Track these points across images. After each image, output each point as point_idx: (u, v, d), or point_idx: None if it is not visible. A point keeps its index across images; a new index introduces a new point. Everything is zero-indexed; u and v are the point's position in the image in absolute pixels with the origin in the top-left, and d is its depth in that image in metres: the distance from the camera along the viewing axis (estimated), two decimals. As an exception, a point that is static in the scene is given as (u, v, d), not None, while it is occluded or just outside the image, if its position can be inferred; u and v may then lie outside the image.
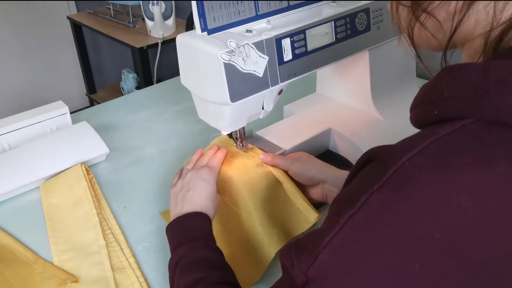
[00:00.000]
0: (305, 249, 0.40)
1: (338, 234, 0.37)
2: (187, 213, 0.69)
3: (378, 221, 0.35)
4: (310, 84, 1.08)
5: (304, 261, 0.39)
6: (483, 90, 0.36)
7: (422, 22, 0.44)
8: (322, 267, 0.38)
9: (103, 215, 0.85)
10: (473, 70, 0.37)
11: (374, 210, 0.36)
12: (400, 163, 0.36)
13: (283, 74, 0.73)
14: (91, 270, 0.73)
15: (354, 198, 0.37)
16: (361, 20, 0.82)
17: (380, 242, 0.35)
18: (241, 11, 0.71)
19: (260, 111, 0.77)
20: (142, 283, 0.71)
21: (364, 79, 0.93)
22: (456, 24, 0.41)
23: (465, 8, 0.40)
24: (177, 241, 0.66)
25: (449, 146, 0.35)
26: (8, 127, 0.98)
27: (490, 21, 0.40)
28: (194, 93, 0.76)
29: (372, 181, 0.36)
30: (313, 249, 0.39)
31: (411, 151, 0.36)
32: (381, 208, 0.35)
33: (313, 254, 0.39)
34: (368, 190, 0.36)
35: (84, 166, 0.93)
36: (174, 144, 1.07)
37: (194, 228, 0.67)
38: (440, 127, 0.37)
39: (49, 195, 0.89)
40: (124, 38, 2.19)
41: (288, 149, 0.86)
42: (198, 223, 0.67)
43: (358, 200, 0.36)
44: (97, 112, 1.23)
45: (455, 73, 0.38)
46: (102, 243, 0.78)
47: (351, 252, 0.36)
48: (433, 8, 0.42)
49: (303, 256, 0.40)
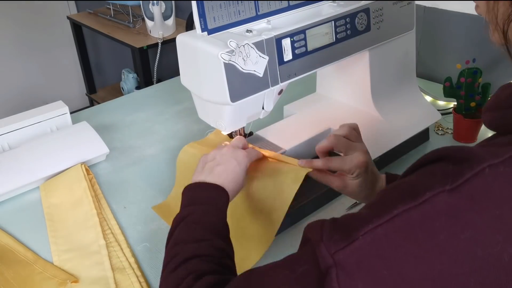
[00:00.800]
0: (341, 229, 0.36)
1: (386, 224, 0.34)
2: (209, 182, 0.65)
3: (440, 224, 0.32)
4: (310, 84, 1.08)
5: (335, 241, 0.36)
6: None
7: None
8: (357, 254, 0.34)
9: (103, 215, 0.85)
10: None
11: (438, 212, 0.32)
12: (480, 168, 0.32)
13: (283, 74, 0.73)
14: (91, 270, 0.73)
15: (416, 191, 0.34)
16: (361, 20, 0.82)
17: (436, 247, 0.32)
18: (241, 11, 0.71)
19: (260, 111, 0.77)
20: (142, 283, 0.71)
21: (364, 79, 0.93)
22: None
23: None
24: (191, 200, 0.63)
25: None
26: (8, 127, 0.98)
27: None
28: (194, 93, 0.76)
29: (444, 180, 0.33)
30: (351, 231, 0.35)
31: (494, 159, 0.33)
32: (448, 212, 0.32)
33: (350, 237, 0.35)
34: (436, 188, 0.33)
35: (84, 166, 0.93)
36: (174, 144, 1.07)
37: (211, 197, 0.64)
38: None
39: (49, 195, 0.89)
40: (124, 38, 2.19)
41: (288, 149, 0.86)
42: (217, 194, 0.64)
43: (421, 196, 0.33)
44: (97, 112, 1.23)
45: None
46: (102, 243, 0.78)
47: (397, 247, 0.33)
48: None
49: (336, 236, 0.36)
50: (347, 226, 0.36)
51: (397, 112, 0.96)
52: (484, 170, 0.32)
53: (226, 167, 0.67)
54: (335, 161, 0.68)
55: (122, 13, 2.45)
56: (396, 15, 0.87)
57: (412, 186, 0.35)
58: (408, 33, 0.93)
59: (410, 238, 0.33)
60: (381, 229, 0.34)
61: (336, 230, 0.36)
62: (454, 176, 0.33)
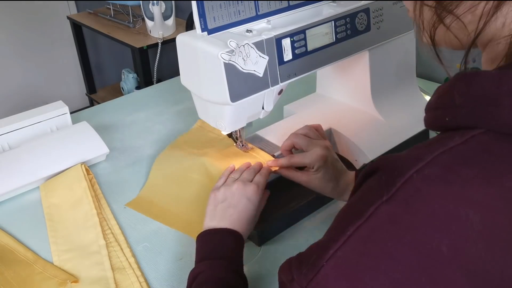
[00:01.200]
0: (307, 262, 0.39)
1: (343, 246, 0.36)
2: (220, 228, 0.68)
3: (385, 233, 0.35)
4: (310, 84, 1.08)
5: (305, 275, 0.38)
6: (495, 100, 0.35)
7: (446, 24, 0.42)
8: (325, 280, 0.37)
9: (103, 215, 0.85)
10: (487, 78, 0.36)
11: (382, 222, 0.35)
12: (408, 175, 0.35)
13: (283, 74, 0.73)
14: (91, 270, 0.73)
15: (361, 209, 0.36)
16: (361, 20, 0.82)
17: (387, 255, 0.34)
18: (241, 11, 0.71)
19: (260, 111, 0.77)
20: (142, 283, 0.71)
21: (364, 79, 0.93)
22: (481, 27, 0.40)
23: (493, 10, 0.39)
24: (202, 254, 0.66)
25: (457, 158, 0.35)
26: (8, 127, 0.98)
27: None
28: (194, 93, 0.76)
29: (380, 192, 0.36)
30: (315, 262, 0.38)
31: (419, 163, 0.35)
32: (389, 220, 0.35)
33: (316, 267, 0.37)
34: (376, 201, 0.36)
35: (84, 166, 0.93)
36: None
37: (222, 247, 0.65)
38: (449, 138, 0.36)
39: (49, 195, 0.89)
40: (124, 38, 2.19)
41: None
42: (228, 243, 0.66)
43: (366, 211, 0.36)
44: (97, 112, 1.23)
45: (469, 81, 0.37)
46: (102, 243, 0.78)
47: (356, 265, 0.35)
48: (459, 11, 0.41)
49: (304, 269, 0.39)
50: (311, 257, 0.39)
51: (397, 112, 0.96)
52: (412, 176, 0.35)
53: (238, 209, 0.69)
54: (296, 156, 0.76)
55: (122, 13, 2.45)
56: (396, 15, 0.87)
57: (357, 204, 0.38)
58: (408, 33, 0.93)
59: (365, 253, 0.35)
60: (340, 252, 0.36)
61: (303, 264, 0.39)
62: (388, 187, 0.35)
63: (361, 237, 0.36)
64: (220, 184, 0.74)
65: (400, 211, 0.34)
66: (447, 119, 0.38)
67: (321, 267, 0.37)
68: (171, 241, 0.80)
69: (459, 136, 0.36)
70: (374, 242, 0.35)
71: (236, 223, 0.68)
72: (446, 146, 0.36)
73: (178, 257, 0.77)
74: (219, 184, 0.75)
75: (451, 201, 0.33)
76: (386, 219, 0.35)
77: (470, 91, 0.37)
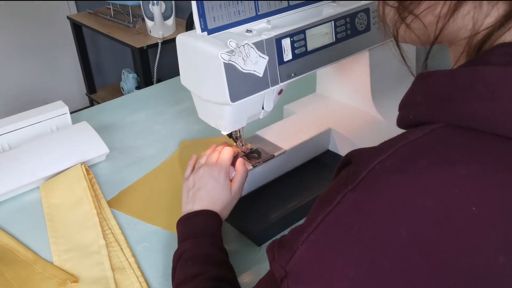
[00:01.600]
0: (286, 245, 0.42)
1: (315, 230, 0.40)
2: (196, 210, 0.71)
3: (350, 218, 0.37)
4: (310, 84, 1.08)
5: (284, 256, 0.42)
6: (449, 96, 0.38)
7: (408, 24, 0.45)
8: (300, 261, 0.40)
9: (103, 215, 0.85)
10: (441, 77, 0.39)
11: (347, 208, 0.38)
12: (372, 166, 0.38)
13: (283, 74, 0.73)
14: (91, 270, 0.73)
15: (331, 197, 0.40)
16: (361, 20, 0.82)
17: (351, 238, 0.37)
18: (241, 11, 0.71)
19: (260, 111, 0.77)
20: (142, 283, 0.71)
21: (364, 79, 0.93)
22: (440, 28, 0.42)
23: (450, 12, 0.41)
24: (184, 235, 0.69)
25: (416, 150, 0.37)
26: (8, 127, 0.98)
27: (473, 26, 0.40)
28: (194, 93, 0.76)
29: (347, 182, 0.39)
30: (292, 244, 0.41)
31: (382, 155, 0.38)
32: (353, 206, 0.38)
33: (292, 249, 0.41)
34: (343, 190, 0.39)
35: (84, 166, 0.93)
36: (174, 144, 1.07)
37: (201, 226, 0.69)
38: (411, 132, 0.39)
39: (49, 195, 0.89)
40: (124, 38, 2.19)
41: (288, 149, 0.86)
42: (206, 222, 0.70)
43: (334, 199, 0.39)
44: (97, 112, 1.23)
45: (426, 80, 0.41)
46: (102, 243, 0.78)
47: (325, 248, 0.38)
48: (419, 11, 0.43)
49: (283, 251, 0.42)
50: (289, 240, 0.42)
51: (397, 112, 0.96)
52: (375, 166, 0.38)
53: (207, 189, 0.73)
54: None
55: (122, 13, 2.45)
56: (396, 15, 0.87)
57: (329, 192, 0.41)
58: (408, 33, 0.93)
59: (334, 237, 0.38)
60: (312, 235, 0.40)
61: (283, 246, 0.43)
62: (354, 176, 0.38)
63: (330, 222, 0.39)
64: (188, 173, 0.78)
65: (363, 198, 0.37)
66: (411, 116, 0.42)
67: (296, 249, 0.40)
68: (171, 241, 0.80)
69: (420, 131, 0.39)
70: (340, 226, 0.38)
71: (210, 204, 0.72)
72: (407, 140, 0.39)
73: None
74: (187, 173, 0.79)
75: (408, 189, 0.35)
76: (350, 206, 0.38)
77: (427, 89, 0.40)
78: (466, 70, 0.38)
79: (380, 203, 0.36)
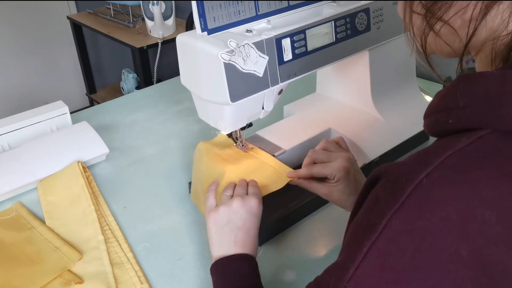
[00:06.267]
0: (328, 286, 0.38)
1: (362, 263, 0.35)
2: (232, 255, 0.63)
3: (401, 243, 0.34)
4: (310, 84, 1.08)
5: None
6: (500, 99, 0.35)
7: (436, 31, 0.42)
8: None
9: (100, 211, 0.85)
10: (490, 78, 0.36)
11: (397, 232, 0.34)
12: (418, 180, 0.34)
13: (283, 74, 0.73)
14: (90, 266, 0.74)
15: (373, 222, 0.35)
16: (361, 20, 0.82)
17: (406, 266, 0.33)
18: (241, 11, 0.71)
19: (260, 111, 0.77)
20: (140, 277, 0.72)
21: (364, 79, 0.93)
22: (472, 31, 0.40)
23: (482, 15, 0.38)
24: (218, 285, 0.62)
25: (466, 160, 0.34)
26: (8, 127, 0.98)
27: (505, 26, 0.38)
28: (194, 93, 0.76)
29: (389, 201, 0.35)
30: (337, 284, 0.37)
31: (428, 167, 0.34)
32: (403, 230, 0.34)
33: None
34: (388, 212, 0.35)
35: (81, 163, 0.93)
36: (174, 144, 1.07)
37: (240, 276, 0.61)
38: (456, 140, 0.36)
39: (47, 193, 0.89)
40: (124, 38, 2.19)
41: (288, 149, 0.86)
42: (245, 270, 0.62)
43: (379, 224, 0.35)
44: (97, 112, 1.23)
45: (472, 82, 0.37)
46: (100, 239, 0.78)
47: (378, 281, 0.35)
48: (448, 16, 0.40)
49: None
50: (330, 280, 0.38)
51: (397, 112, 0.96)
52: (422, 180, 0.34)
53: (246, 227, 0.64)
54: (317, 167, 0.71)
55: (122, 13, 2.45)
56: (396, 15, 0.87)
57: (368, 219, 0.36)
58: (408, 33, 0.93)
59: (385, 267, 0.34)
60: (359, 270, 0.35)
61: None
62: (397, 194, 0.34)
63: (379, 251, 0.35)
64: (213, 204, 0.69)
65: (413, 218, 0.33)
66: (450, 121, 0.37)
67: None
68: (171, 241, 0.80)
69: (466, 138, 0.35)
70: (392, 254, 0.34)
71: (247, 244, 0.64)
72: (454, 149, 0.35)
73: (178, 257, 0.77)
74: (213, 204, 0.69)
75: (464, 203, 0.32)
76: (400, 229, 0.34)
77: (473, 91, 0.36)
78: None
79: (434, 221, 0.33)
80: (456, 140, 0.36)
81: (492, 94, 0.35)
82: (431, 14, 0.41)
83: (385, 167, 0.38)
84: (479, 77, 0.37)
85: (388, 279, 0.34)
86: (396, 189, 0.35)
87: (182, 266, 0.75)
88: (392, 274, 0.34)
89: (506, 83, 0.35)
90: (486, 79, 0.36)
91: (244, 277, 0.61)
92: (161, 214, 0.86)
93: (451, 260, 0.32)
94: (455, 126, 0.37)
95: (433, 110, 0.41)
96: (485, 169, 0.33)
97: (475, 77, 0.37)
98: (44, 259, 0.75)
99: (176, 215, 0.85)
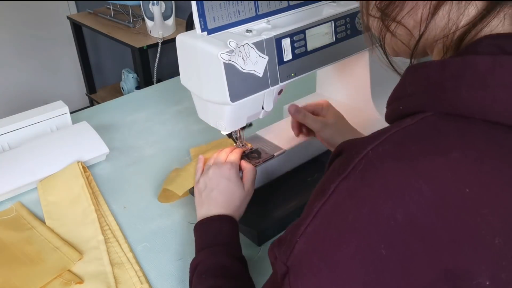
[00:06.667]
0: (285, 241, 0.42)
1: (311, 222, 0.40)
2: (212, 215, 0.70)
3: (345, 207, 0.37)
4: (310, 84, 1.08)
5: (284, 252, 0.41)
6: (440, 85, 0.39)
7: (392, 31, 0.47)
8: (299, 255, 0.40)
9: (100, 212, 0.85)
10: (431, 67, 0.40)
11: (342, 197, 0.38)
12: (364, 153, 0.38)
13: (283, 74, 0.73)
14: (90, 265, 0.74)
15: (324, 187, 0.40)
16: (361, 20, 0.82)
17: (348, 227, 0.37)
18: (241, 11, 0.71)
19: (260, 111, 0.77)
20: (140, 277, 0.72)
21: (364, 79, 0.93)
22: (423, 30, 0.44)
23: (431, 15, 0.43)
24: (200, 244, 0.68)
25: (408, 136, 0.38)
26: (8, 127, 0.98)
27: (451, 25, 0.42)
28: (194, 93, 0.76)
29: (339, 170, 0.39)
30: (291, 239, 0.41)
31: (374, 142, 0.38)
32: (348, 195, 0.38)
33: (291, 244, 0.41)
34: (336, 179, 0.39)
35: (81, 163, 0.93)
36: (174, 144, 1.07)
37: (217, 233, 0.68)
38: (402, 121, 0.40)
39: (47, 193, 0.89)
40: (124, 38, 2.19)
41: (288, 149, 0.86)
42: (222, 228, 0.69)
43: (328, 189, 0.39)
44: (97, 112, 1.23)
45: (417, 70, 0.42)
46: (100, 239, 0.78)
47: (323, 239, 0.38)
48: (401, 17, 0.44)
49: (283, 247, 0.42)
50: (288, 236, 0.42)
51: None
52: (368, 153, 0.38)
53: (219, 189, 0.72)
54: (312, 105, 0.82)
55: (122, 13, 2.45)
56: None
57: (322, 183, 0.41)
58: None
59: (330, 227, 0.38)
60: (309, 228, 0.40)
61: (282, 243, 0.42)
62: (346, 165, 0.39)
63: (325, 213, 0.39)
64: (199, 176, 0.77)
65: (357, 186, 0.37)
66: (401, 107, 0.42)
67: (295, 243, 0.40)
68: (171, 241, 0.80)
69: (411, 119, 0.39)
70: (336, 216, 0.38)
71: (224, 205, 0.71)
72: (399, 127, 0.39)
73: (178, 257, 0.77)
74: (197, 177, 0.78)
75: (403, 174, 0.36)
76: (345, 194, 0.38)
77: (417, 80, 0.41)
78: (456, 59, 0.39)
79: (375, 189, 0.36)
80: (402, 121, 0.40)
81: (433, 81, 0.40)
82: (385, 16, 0.46)
83: (345, 143, 0.43)
84: (423, 67, 0.41)
85: (330, 237, 0.38)
86: (346, 160, 0.39)
87: (182, 266, 0.75)
88: (335, 233, 0.38)
89: (445, 70, 0.39)
90: (428, 68, 0.40)
91: (221, 234, 0.68)
92: (161, 214, 0.86)
93: (387, 224, 0.35)
94: (404, 111, 0.42)
95: (389, 101, 0.45)
96: (423, 144, 0.37)
97: (420, 66, 0.41)
98: (44, 259, 0.75)
99: (176, 215, 0.85)
